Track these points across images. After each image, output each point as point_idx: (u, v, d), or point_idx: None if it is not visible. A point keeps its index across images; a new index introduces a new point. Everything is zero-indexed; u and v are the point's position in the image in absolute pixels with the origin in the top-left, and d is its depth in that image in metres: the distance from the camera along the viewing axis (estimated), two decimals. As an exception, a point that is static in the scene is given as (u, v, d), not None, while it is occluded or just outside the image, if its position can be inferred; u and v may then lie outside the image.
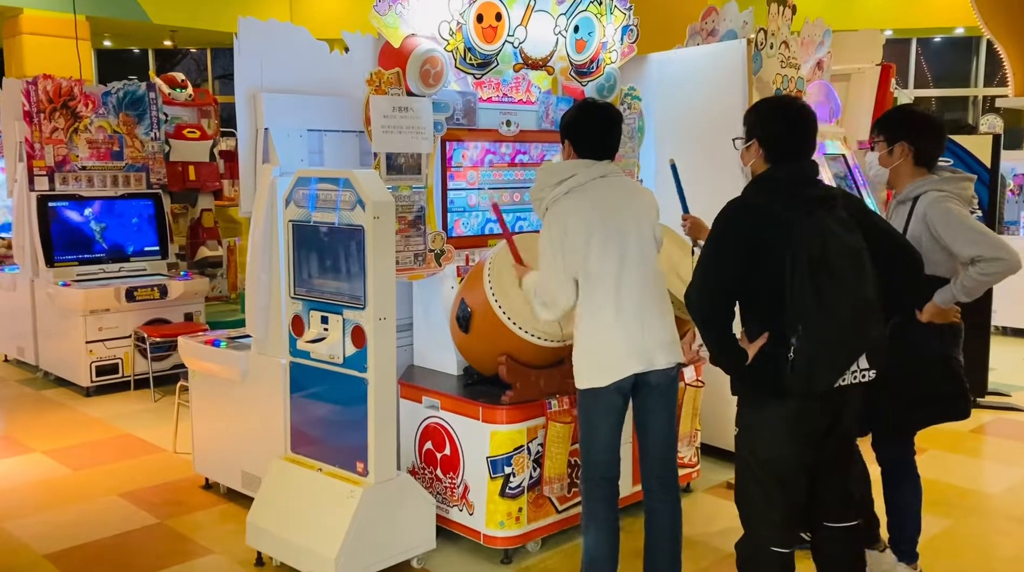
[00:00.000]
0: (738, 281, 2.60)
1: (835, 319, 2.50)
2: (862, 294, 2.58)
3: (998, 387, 6.23)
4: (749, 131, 2.80)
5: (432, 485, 3.72)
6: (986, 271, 2.94)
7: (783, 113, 2.75)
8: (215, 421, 4.31)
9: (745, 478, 2.79)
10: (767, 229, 2.54)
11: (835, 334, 2.51)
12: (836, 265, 2.51)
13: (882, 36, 6.32)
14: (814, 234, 2.51)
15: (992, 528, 4.03)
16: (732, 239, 2.61)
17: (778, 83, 4.73)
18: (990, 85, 13.96)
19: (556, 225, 2.98)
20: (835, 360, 2.56)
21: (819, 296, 2.47)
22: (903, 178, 3.22)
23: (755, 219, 2.59)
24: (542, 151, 4.27)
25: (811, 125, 2.74)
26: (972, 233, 2.97)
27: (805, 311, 2.48)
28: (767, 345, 2.59)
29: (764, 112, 2.81)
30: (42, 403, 6.19)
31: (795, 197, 2.61)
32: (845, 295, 2.51)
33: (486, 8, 3.76)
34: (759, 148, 2.74)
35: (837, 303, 2.49)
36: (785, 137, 2.71)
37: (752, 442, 2.73)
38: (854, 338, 2.57)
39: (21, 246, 6.62)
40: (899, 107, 3.47)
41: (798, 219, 2.53)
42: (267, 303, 3.87)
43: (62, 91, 6.47)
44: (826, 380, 2.56)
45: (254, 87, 3.77)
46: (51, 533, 3.98)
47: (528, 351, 3.46)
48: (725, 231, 2.64)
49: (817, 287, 2.47)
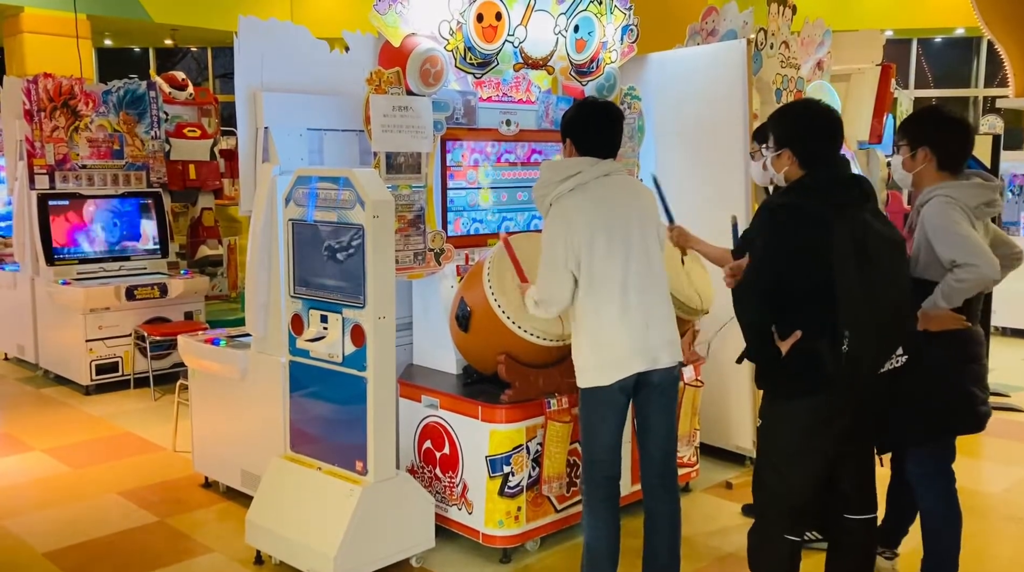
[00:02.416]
0: (785, 283, 2.64)
1: (880, 308, 2.56)
2: (901, 284, 2.66)
3: (997, 388, 6.22)
4: (778, 139, 2.80)
5: (431, 484, 3.72)
6: (960, 278, 2.85)
7: (810, 117, 2.78)
8: (215, 420, 4.32)
9: (765, 470, 2.85)
10: (811, 230, 2.59)
11: (882, 324, 2.58)
12: (877, 256, 2.57)
13: (882, 36, 6.32)
14: (855, 229, 2.57)
15: (991, 528, 4.03)
16: (781, 243, 2.65)
17: (778, 83, 4.73)
18: (991, 86, 13.96)
19: (560, 221, 2.98)
20: (881, 349, 2.66)
21: (866, 288, 2.53)
22: (925, 183, 3.10)
23: (800, 221, 2.63)
24: (530, 149, 4.26)
25: (837, 125, 2.78)
26: (953, 237, 2.89)
27: (855, 303, 2.54)
28: (805, 342, 2.62)
29: (792, 119, 2.83)
30: (42, 401, 6.19)
31: (834, 197, 2.65)
32: (887, 285, 2.58)
33: (486, 7, 3.76)
34: (792, 155, 2.75)
35: (881, 293, 2.56)
36: (816, 140, 2.74)
37: (777, 433, 2.78)
38: (897, 326, 2.66)
39: (22, 244, 6.62)
40: (924, 109, 3.32)
41: (837, 217, 2.58)
42: (267, 302, 3.87)
43: (63, 90, 6.47)
44: (872, 369, 2.67)
45: (254, 86, 3.77)
46: (51, 531, 3.98)
47: (527, 350, 3.47)
48: (776, 234, 2.67)
49: (864, 279, 2.53)
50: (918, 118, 3.23)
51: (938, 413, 3.03)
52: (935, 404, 3.02)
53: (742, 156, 4.45)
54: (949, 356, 3.02)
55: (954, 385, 3.04)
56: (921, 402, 3.01)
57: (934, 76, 14.78)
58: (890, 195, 6.92)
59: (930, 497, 3.15)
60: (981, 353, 3.12)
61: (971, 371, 3.07)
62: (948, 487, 3.15)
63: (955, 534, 3.13)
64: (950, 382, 3.03)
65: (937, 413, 3.03)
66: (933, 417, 3.04)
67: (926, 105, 3.39)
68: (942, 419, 3.06)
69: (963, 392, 3.04)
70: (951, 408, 3.04)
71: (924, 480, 3.15)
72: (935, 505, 3.14)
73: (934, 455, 3.14)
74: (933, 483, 3.14)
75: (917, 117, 3.25)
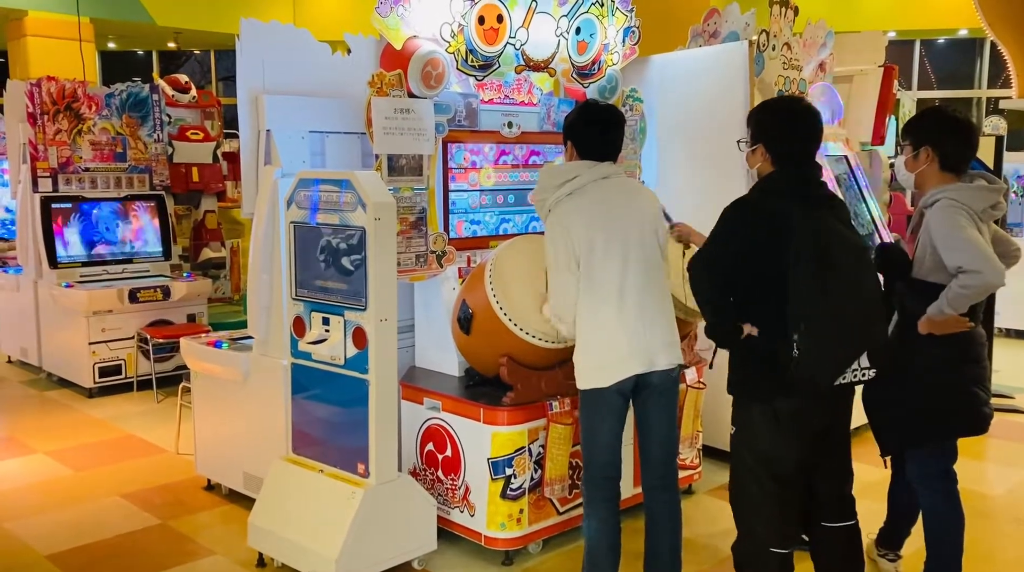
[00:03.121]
0: (737, 276, 2.62)
1: (838, 316, 2.51)
2: (865, 292, 2.60)
3: (1001, 389, 6.21)
4: (754, 134, 2.80)
5: (433, 486, 3.72)
6: (965, 284, 2.82)
7: (788, 115, 2.77)
8: (217, 422, 4.32)
9: (742, 478, 2.80)
10: (771, 228, 2.56)
11: (838, 331, 2.52)
12: (840, 262, 2.53)
13: (884, 38, 6.32)
14: (818, 232, 2.53)
15: (995, 530, 4.02)
16: (736, 238, 2.64)
17: (780, 85, 4.73)
18: (994, 87, 13.94)
19: (559, 227, 2.99)
20: (838, 357, 2.57)
21: (823, 293, 2.49)
22: (928, 184, 3.07)
23: (760, 218, 2.61)
24: (529, 150, 4.26)
25: (816, 127, 2.75)
26: (959, 243, 2.85)
27: (809, 308, 2.50)
28: (767, 342, 2.60)
29: (769, 115, 2.82)
30: (45, 404, 6.20)
31: (799, 197, 2.63)
32: (848, 292, 2.53)
33: (488, 10, 3.76)
34: (765, 151, 2.74)
35: (840, 300, 2.51)
36: (790, 140, 2.72)
37: (750, 441, 2.74)
38: (857, 336, 2.58)
39: (25, 247, 6.64)
40: (928, 110, 3.28)
41: (802, 217, 2.55)
42: (269, 304, 3.88)
43: (66, 93, 6.48)
44: (829, 377, 2.57)
45: (256, 89, 3.78)
46: (53, 534, 3.99)
47: (529, 352, 3.46)
48: (730, 230, 2.67)
49: (821, 284, 2.49)
50: (921, 118, 3.21)
51: (940, 414, 3.02)
52: (937, 405, 3.00)
53: (744, 158, 4.43)
54: (951, 357, 3.01)
55: (956, 386, 3.02)
56: (923, 404, 3.00)
57: (937, 77, 14.76)
58: (893, 196, 6.91)
59: (932, 499, 3.13)
60: (983, 354, 3.11)
61: (973, 372, 3.05)
62: (950, 489, 3.13)
63: (958, 536, 3.11)
64: (952, 383, 3.02)
65: (939, 414, 3.02)
66: (935, 418, 3.02)
67: (932, 105, 3.35)
68: (944, 420, 3.04)
69: (965, 393, 3.03)
70: (953, 409, 3.03)
71: (926, 482, 3.14)
72: (937, 507, 3.12)
73: (936, 456, 3.12)
74: (935, 485, 3.12)
75: (921, 117, 3.23)
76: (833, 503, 2.83)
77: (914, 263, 3.02)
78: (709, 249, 2.74)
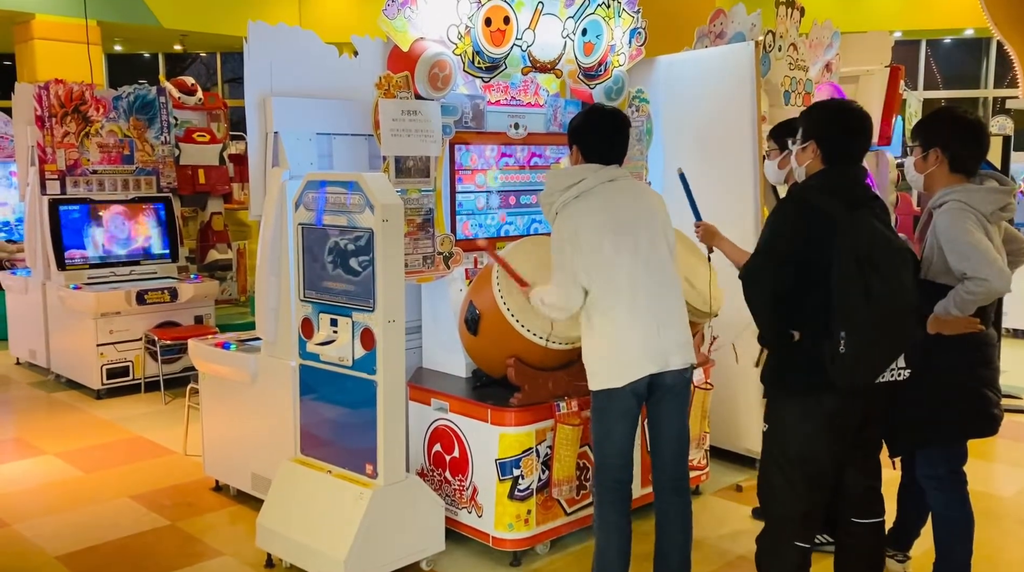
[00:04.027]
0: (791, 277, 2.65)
1: (881, 316, 2.55)
2: (906, 292, 2.63)
3: (1009, 389, 6.15)
4: (807, 131, 2.83)
5: (441, 487, 3.73)
6: (970, 290, 2.82)
7: (844, 116, 2.81)
8: (225, 423, 4.33)
9: (772, 474, 2.84)
10: (819, 226, 2.61)
11: (881, 332, 2.57)
12: (883, 263, 2.56)
13: (891, 38, 6.30)
14: (862, 232, 2.57)
15: (1003, 531, 4.01)
16: (792, 232, 2.67)
17: (786, 85, 4.72)
18: (1000, 86, 13.89)
19: (567, 229, 2.99)
20: (879, 357, 2.63)
21: (867, 293, 2.52)
22: (937, 185, 3.06)
23: (812, 218, 2.64)
24: (530, 152, 4.26)
25: (869, 128, 2.81)
26: (965, 248, 2.84)
27: (852, 307, 2.53)
28: (808, 341, 2.62)
29: (827, 114, 2.86)
30: (53, 406, 6.22)
31: (846, 197, 2.67)
32: (891, 293, 2.56)
33: (494, 12, 3.77)
34: (816, 149, 2.78)
35: (883, 300, 2.54)
36: (845, 141, 2.77)
37: (783, 438, 2.78)
38: (897, 335, 2.63)
39: (33, 249, 6.66)
40: (937, 110, 3.27)
41: (846, 217, 2.59)
42: (277, 306, 3.89)
43: (73, 95, 6.51)
44: (868, 376, 2.63)
45: (264, 91, 3.79)
46: (62, 535, 4.00)
47: (536, 353, 3.47)
48: (786, 222, 2.70)
49: (865, 284, 2.53)
50: (931, 119, 3.19)
51: (951, 417, 3.01)
52: (948, 408, 3.00)
53: (751, 158, 4.44)
54: (962, 360, 3.00)
55: (967, 389, 3.01)
56: (934, 406, 2.99)
57: (943, 77, 14.72)
58: (900, 197, 6.89)
59: (942, 500, 3.13)
60: (993, 356, 3.10)
61: (983, 374, 3.05)
62: (960, 490, 3.13)
63: (967, 538, 3.11)
64: (963, 386, 3.01)
65: (950, 417, 3.01)
66: (946, 421, 3.02)
67: (941, 106, 3.33)
68: (955, 423, 3.03)
69: (976, 395, 3.02)
70: (964, 412, 3.02)
71: (936, 483, 3.13)
72: (947, 508, 3.12)
73: (946, 458, 3.12)
74: (945, 486, 3.12)
75: (930, 118, 3.21)
76: (864, 499, 2.88)
77: (922, 264, 3.02)
78: (761, 259, 2.75)
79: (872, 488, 2.91)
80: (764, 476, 2.90)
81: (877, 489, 2.92)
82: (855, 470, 2.85)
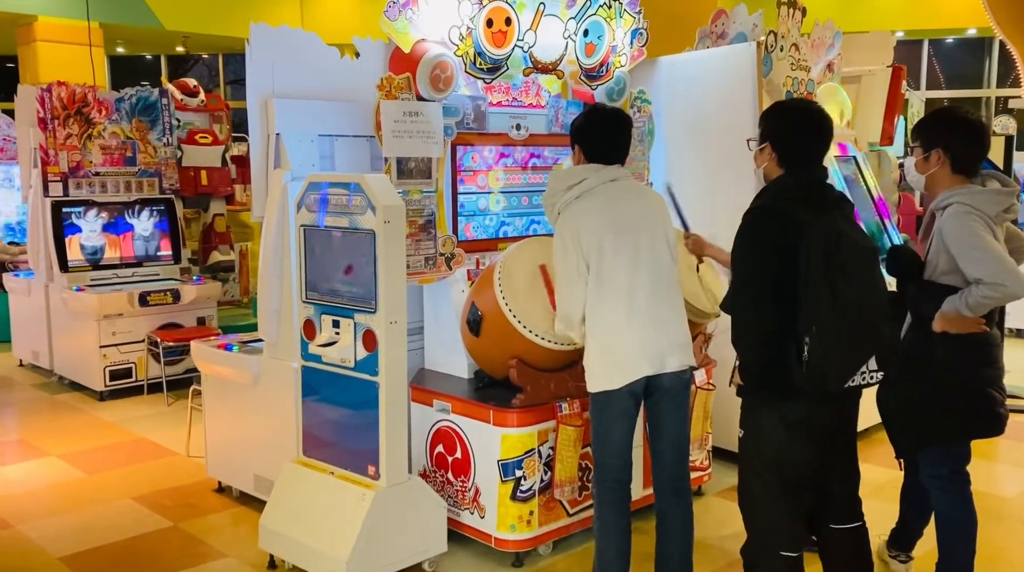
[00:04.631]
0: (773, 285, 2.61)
1: (848, 318, 2.50)
2: (874, 294, 2.59)
3: (1012, 389, 6.11)
4: (763, 133, 2.80)
5: (443, 488, 3.73)
6: (987, 294, 2.80)
7: (799, 117, 2.76)
8: (228, 425, 4.33)
9: (750, 481, 2.79)
10: (787, 231, 2.56)
11: (848, 334, 2.52)
12: (850, 264, 2.52)
13: (893, 38, 6.31)
14: (829, 234, 2.52)
15: (1007, 531, 4.00)
16: (763, 245, 2.62)
17: (788, 85, 4.72)
18: (1003, 86, 13.87)
19: (569, 230, 3.00)
20: (848, 360, 2.57)
21: (833, 295, 2.48)
22: (939, 186, 3.04)
23: (778, 223, 2.60)
24: (528, 153, 4.26)
25: (827, 130, 2.74)
26: (978, 253, 2.82)
27: (819, 310, 2.49)
28: (778, 345, 2.59)
29: (780, 116, 2.82)
30: (57, 407, 6.23)
31: (809, 199, 2.63)
32: (858, 295, 2.52)
33: (496, 13, 3.77)
34: (772, 151, 2.74)
35: (850, 303, 2.50)
36: (800, 142, 2.72)
37: (758, 444, 2.73)
38: (866, 338, 2.58)
39: (36, 251, 6.68)
40: (938, 110, 3.25)
41: (812, 220, 2.54)
42: (279, 307, 3.89)
43: (76, 97, 6.52)
44: (838, 380, 2.57)
45: (266, 92, 3.79)
46: (65, 536, 4.01)
47: (538, 354, 3.47)
48: (756, 238, 2.64)
49: (831, 286, 2.48)
50: (932, 119, 3.18)
51: (955, 417, 3.01)
52: (952, 408, 2.99)
53: (752, 159, 4.43)
54: (964, 359, 3.00)
55: (970, 388, 3.01)
56: (937, 405, 2.99)
57: (946, 77, 14.70)
58: (902, 197, 6.89)
59: (945, 500, 3.12)
60: (998, 356, 3.10)
61: (987, 374, 3.04)
62: (963, 490, 3.12)
63: (970, 538, 3.10)
64: (965, 385, 3.00)
65: (954, 417, 3.01)
66: (950, 421, 3.01)
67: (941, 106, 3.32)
68: (959, 423, 3.03)
69: (979, 395, 3.01)
70: (967, 411, 3.01)
71: (939, 483, 3.12)
72: (950, 509, 3.11)
73: (949, 458, 3.12)
74: (948, 486, 3.11)
75: (931, 118, 3.20)
76: (843, 504, 2.83)
77: (927, 266, 3.01)
78: (742, 287, 2.68)
79: (849, 494, 2.85)
80: (743, 483, 2.84)
81: (854, 494, 2.87)
82: (834, 476, 2.80)
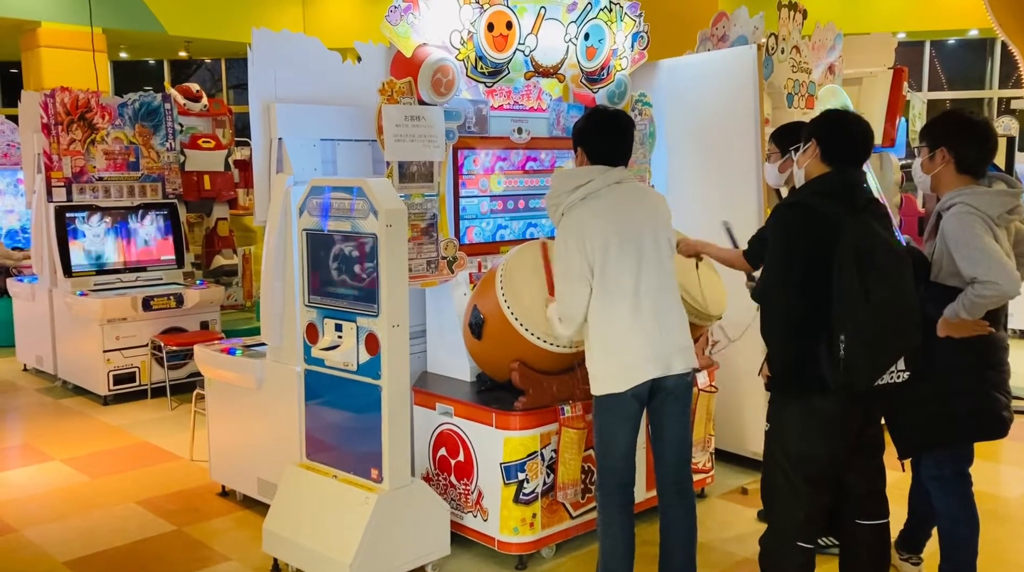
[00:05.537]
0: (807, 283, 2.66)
1: (881, 320, 2.56)
2: (906, 295, 2.66)
3: (1016, 391, 6.14)
4: (809, 133, 2.88)
5: (446, 491, 3.73)
6: (980, 293, 2.81)
7: (845, 122, 2.86)
8: (231, 429, 4.34)
9: (773, 474, 2.86)
10: (819, 231, 2.62)
11: (881, 335, 2.58)
12: (883, 265, 2.59)
13: (894, 39, 6.30)
14: (863, 235, 2.60)
15: (1009, 532, 4.00)
16: (798, 241, 2.68)
17: (789, 88, 4.73)
18: (1005, 87, 13.86)
19: (572, 231, 3.00)
20: (880, 360, 2.64)
21: (867, 295, 2.54)
22: (944, 186, 3.06)
23: (815, 222, 2.66)
24: (525, 156, 4.27)
25: (870, 137, 2.85)
26: (974, 253, 2.83)
27: (853, 311, 2.55)
28: (809, 344, 2.62)
29: (828, 118, 2.91)
30: (60, 412, 6.24)
31: (846, 200, 2.69)
32: (891, 295, 2.59)
33: (497, 17, 3.78)
34: (817, 148, 2.82)
35: (884, 302, 2.56)
36: (845, 143, 2.81)
37: (784, 439, 2.79)
38: (898, 338, 2.65)
39: (40, 256, 6.69)
40: (945, 112, 3.27)
41: (847, 220, 2.61)
42: (282, 311, 3.90)
43: (79, 103, 6.54)
44: (868, 378, 2.64)
45: (268, 97, 3.81)
46: (70, 540, 4.02)
47: (541, 357, 3.47)
48: (790, 233, 2.72)
49: (866, 286, 2.54)
50: (938, 119, 3.21)
51: (961, 419, 3.01)
52: (958, 410, 3.00)
53: (754, 161, 4.45)
54: (969, 361, 3.00)
55: (977, 390, 3.02)
56: (944, 407, 2.99)
57: (947, 78, 14.69)
58: (904, 198, 6.88)
59: (947, 501, 3.12)
60: (1003, 358, 3.11)
61: (992, 376, 3.05)
62: (965, 491, 3.13)
63: (972, 539, 3.10)
64: (972, 388, 3.01)
65: (960, 419, 3.01)
66: (956, 423, 3.02)
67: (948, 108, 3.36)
68: (965, 425, 3.03)
69: (984, 397, 3.02)
70: (974, 414, 3.02)
71: (940, 484, 3.13)
72: (952, 509, 3.11)
73: (951, 459, 3.12)
74: (950, 487, 3.12)
75: (937, 119, 3.23)
76: (868, 501, 2.89)
77: (932, 267, 3.02)
78: (773, 279, 2.75)
79: (876, 490, 2.91)
80: (767, 476, 2.93)
81: (881, 491, 2.93)
82: (858, 472, 2.86)
